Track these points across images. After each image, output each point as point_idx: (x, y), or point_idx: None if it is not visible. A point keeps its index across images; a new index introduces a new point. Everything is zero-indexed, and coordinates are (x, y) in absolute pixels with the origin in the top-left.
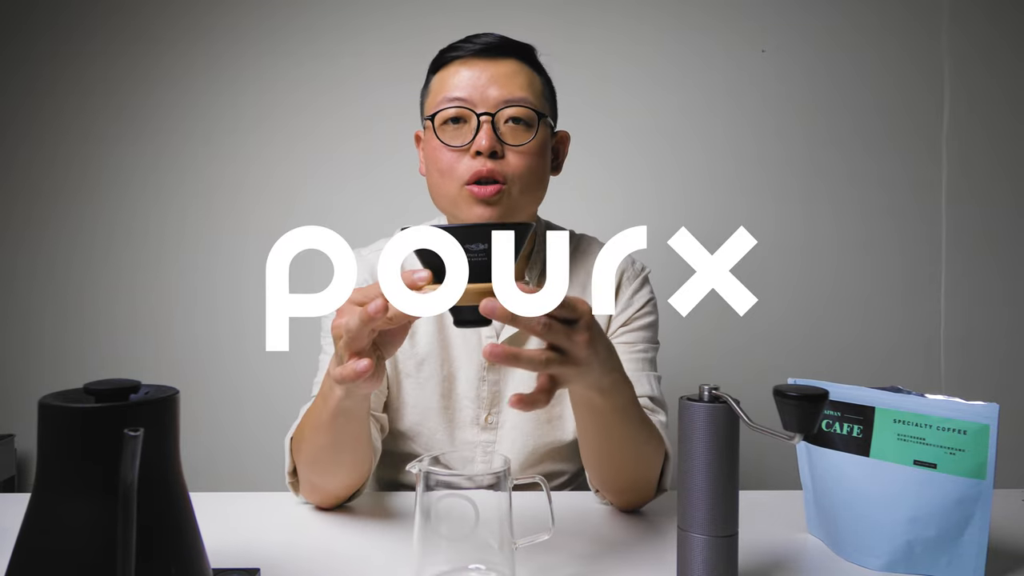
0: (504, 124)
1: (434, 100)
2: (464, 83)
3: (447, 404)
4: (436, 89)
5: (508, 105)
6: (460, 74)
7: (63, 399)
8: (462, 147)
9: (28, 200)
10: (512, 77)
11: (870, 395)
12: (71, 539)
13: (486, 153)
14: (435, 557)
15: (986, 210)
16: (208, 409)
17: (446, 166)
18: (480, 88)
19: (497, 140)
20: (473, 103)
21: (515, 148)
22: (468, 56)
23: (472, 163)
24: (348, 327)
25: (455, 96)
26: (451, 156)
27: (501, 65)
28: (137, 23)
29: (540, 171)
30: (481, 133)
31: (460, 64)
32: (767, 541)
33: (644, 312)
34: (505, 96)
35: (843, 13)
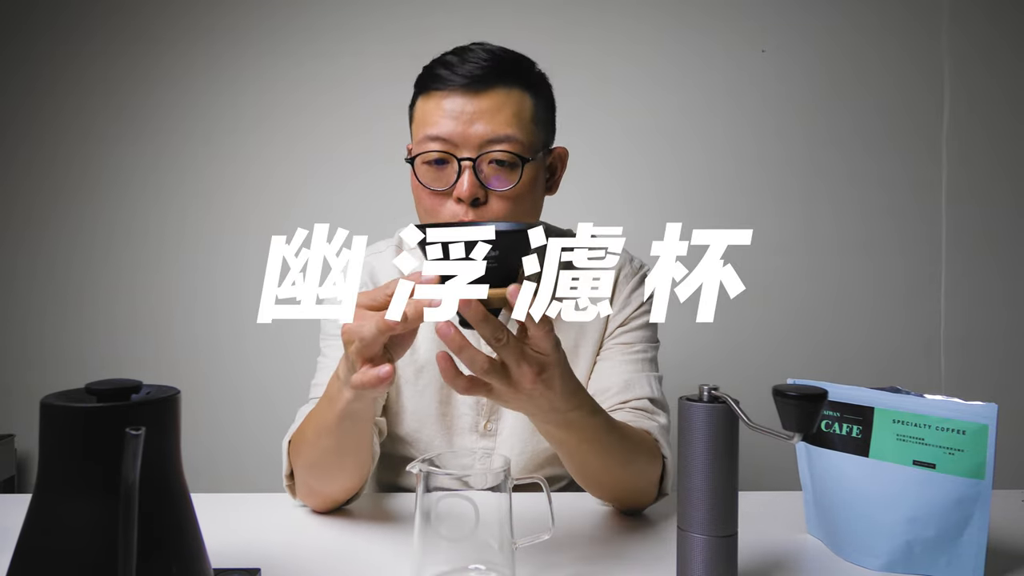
0: (487, 165)
1: (417, 133)
2: (446, 119)
3: (446, 411)
4: (420, 120)
5: (492, 148)
6: (441, 108)
7: (65, 399)
8: (443, 191)
9: (28, 200)
10: (498, 112)
11: (869, 395)
12: (72, 539)
13: (467, 201)
14: (435, 557)
15: (986, 210)
16: (208, 409)
17: (428, 208)
18: (463, 126)
19: (479, 185)
20: (455, 144)
21: (499, 193)
22: (451, 88)
23: (455, 208)
24: (362, 334)
25: (436, 135)
26: (432, 199)
27: (486, 99)
28: (137, 23)
29: (527, 208)
30: (462, 179)
31: (442, 96)
32: (767, 541)
33: (642, 311)
34: (488, 135)
35: (843, 13)
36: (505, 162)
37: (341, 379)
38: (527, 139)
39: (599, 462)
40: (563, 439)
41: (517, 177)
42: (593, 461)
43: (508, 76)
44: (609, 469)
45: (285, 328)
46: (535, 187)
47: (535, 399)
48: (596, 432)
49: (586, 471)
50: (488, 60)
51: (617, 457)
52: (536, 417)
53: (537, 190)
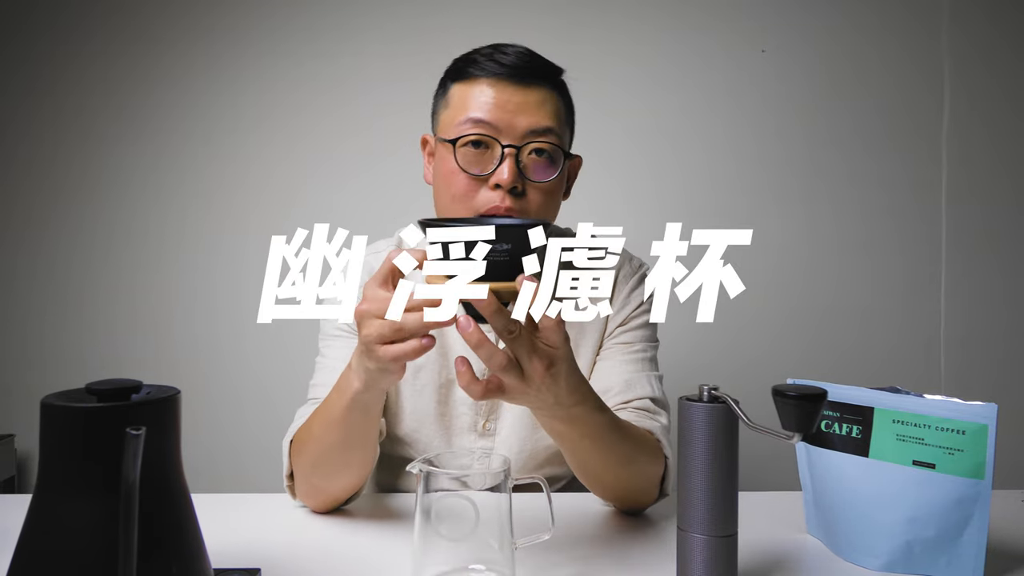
0: (527, 156)
1: (455, 116)
2: (490, 105)
3: (444, 411)
4: (458, 104)
5: (535, 139)
6: (486, 94)
7: (65, 399)
8: (481, 175)
9: (28, 200)
10: (541, 106)
11: (869, 395)
12: (73, 539)
13: (507, 188)
14: (435, 557)
15: (986, 210)
16: (208, 409)
17: (461, 192)
18: (508, 115)
19: (519, 174)
20: (498, 131)
21: (536, 184)
22: (496, 77)
23: (490, 195)
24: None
25: (480, 119)
26: (468, 183)
27: (531, 93)
28: (137, 23)
29: (555, 207)
30: (504, 166)
31: (487, 84)
32: (767, 541)
33: (642, 311)
34: (532, 126)
35: (843, 13)
36: (545, 152)
37: (353, 368)
38: (563, 137)
39: (601, 459)
40: (565, 434)
41: (556, 171)
42: (595, 458)
43: (548, 76)
44: (611, 467)
45: (285, 328)
46: (562, 186)
47: (542, 394)
48: (599, 428)
49: (588, 468)
50: (530, 56)
51: (619, 455)
52: (541, 412)
53: (562, 189)
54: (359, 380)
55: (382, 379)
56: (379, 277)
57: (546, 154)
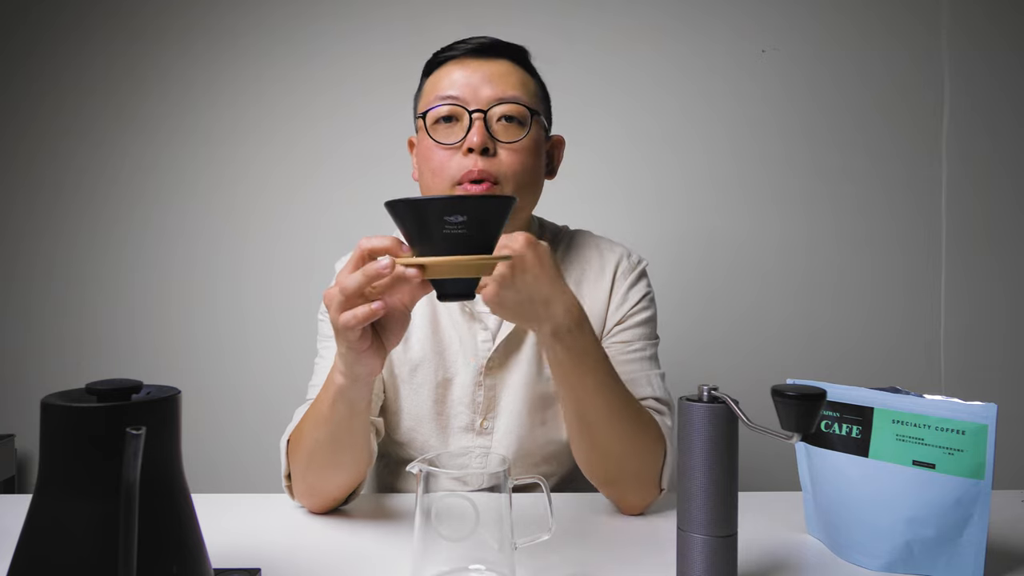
0: (496, 122)
1: (427, 100)
2: (457, 82)
3: (440, 410)
4: (429, 89)
5: (501, 102)
6: (453, 74)
7: (65, 399)
8: (454, 145)
9: (28, 200)
10: (505, 76)
11: (869, 395)
12: (73, 539)
13: (478, 150)
14: (435, 557)
15: (986, 210)
16: (208, 410)
17: (437, 165)
18: (473, 86)
19: (489, 137)
20: (466, 101)
21: (507, 145)
22: (461, 56)
23: (464, 161)
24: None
25: (448, 95)
26: (443, 154)
27: (494, 65)
28: (137, 23)
29: (533, 170)
30: (473, 130)
31: (453, 64)
32: (767, 541)
33: (640, 308)
34: (498, 94)
35: (843, 13)
36: (514, 117)
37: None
38: (532, 104)
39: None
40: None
41: (526, 130)
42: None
43: (512, 54)
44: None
45: (285, 328)
46: (539, 153)
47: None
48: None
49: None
50: (493, 38)
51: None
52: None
53: (540, 160)
54: (340, 373)
55: (356, 364)
56: (350, 265)
57: (515, 120)
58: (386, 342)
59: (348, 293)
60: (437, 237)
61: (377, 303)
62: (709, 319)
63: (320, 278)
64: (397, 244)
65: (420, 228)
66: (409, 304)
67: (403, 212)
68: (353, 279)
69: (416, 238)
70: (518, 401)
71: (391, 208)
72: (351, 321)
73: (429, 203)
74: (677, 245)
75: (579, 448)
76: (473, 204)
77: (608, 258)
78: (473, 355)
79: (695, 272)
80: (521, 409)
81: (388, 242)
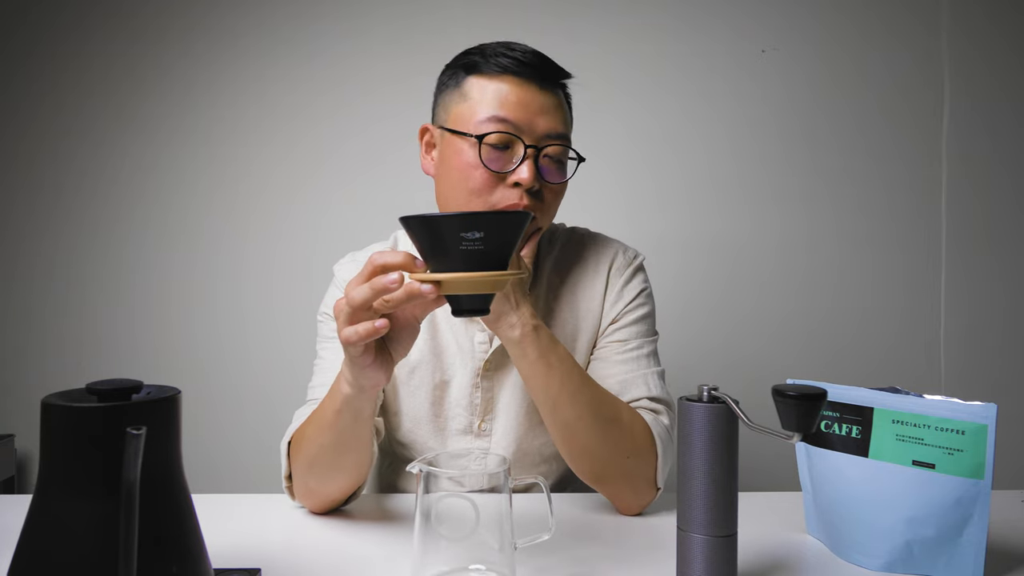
0: (543, 158)
1: (475, 110)
2: (514, 104)
3: (438, 412)
4: (478, 98)
5: (550, 138)
6: (510, 92)
7: (66, 399)
8: (501, 172)
9: (28, 200)
10: (557, 110)
11: (869, 395)
12: (73, 539)
13: (526, 187)
14: (435, 558)
15: (986, 210)
16: (208, 410)
17: (479, 186)
18: (530, 115)
19: (537, 174)
20: (521, 130)
21: (551, 186)
22: (518, 75)
23: (508, 192)
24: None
25: (504, 117)
26: (487, 179)
27: (549, 96)
28: (137, 23)
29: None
30: (524, 166)
31: (509, 81)
32: (766, 541)
33: (635, 305)
34: (550, 130)
35: (843, 13)
36: (560, 157)
37: (342, 371)
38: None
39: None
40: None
41: (566, 174)
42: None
43: (559, 81)
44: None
45: (285, 329)
46: None
47: None
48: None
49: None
50: (547, 58)
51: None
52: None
53: None
54: (346, 382)
55: (361, 376)
56: (359, 277)
57: (560, 158)
58: (394, 353)
59: (355, 306)
60: (454, 253)
61: (380, 321)
62: (708, 319)
63: (320, 278)
64: (411, 260)
65: (436, 244)
66: (420, 317)
67: (419, 228)
68: (360, 292)
69: (431, 253)
70: (515, 403)
71: (406, 223)
72: (352, 337)
73: (447, 220)
74: (677, 245)
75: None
76: (491, 221)
77: (603, 255)
78: (472, 356)
79: (694, 272)
80: (519, 411)
81: (401, 258)
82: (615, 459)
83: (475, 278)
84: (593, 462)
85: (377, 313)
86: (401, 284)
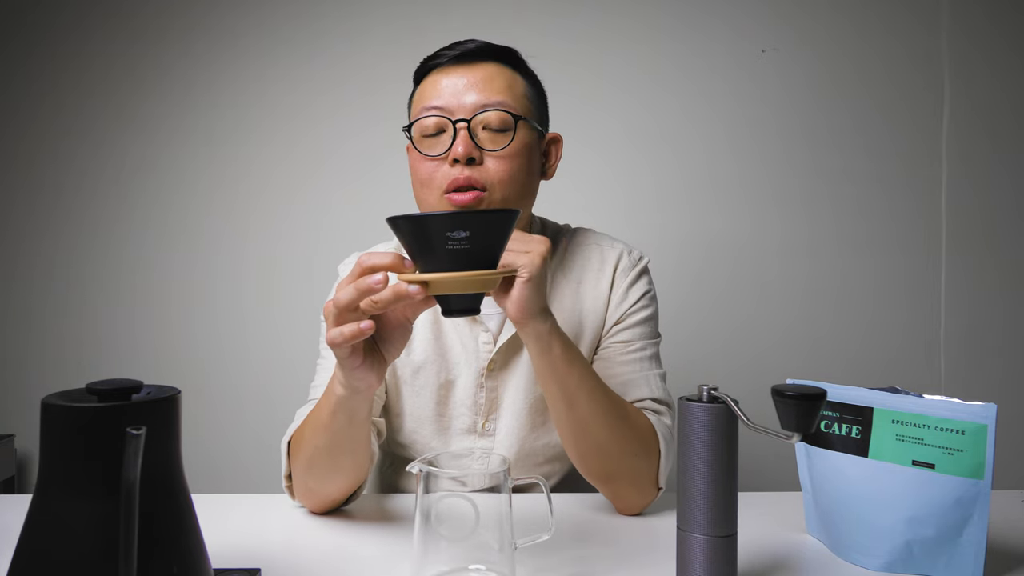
0: (482, 131)
1: (414, 111)
2: (442, 91)
3: (442, 411)
4: (417, 100)
5: (485, 110)
6: (439, 83)
7: (66, 399)
8: (440, 156)
9: (28, 200)
10: (490, 81)
11: (868, 396)
12: (73, 539)
13: (463, 160)
14: (435, 558)
15: (986, 210)
16: (208, 410)
17: (425, 176)
18: (458, 95)
19: (475, 146)
20: (450, 111)
21: (493, 153)
22: (446, 64)
23: (450, 171)
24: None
25: (433, 105)
26: (430, 166)
27: (479, 69)
28: (137, 23)
29: (522, 175)
30: (457, 140)
31: (439, 73)
32: (766, 541)
33: (639, 306)
34: (482, 101)
35: (843, 13)
36: (496, 124)
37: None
38: (519, 108)
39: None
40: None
41: (511, 137)
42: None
43: (499, 56)
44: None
45: (285, 328)
46: (530, 155)
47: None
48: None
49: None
50: (480, 42)
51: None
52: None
53: (532, 161)
54: (339, 384)
55: (351, 378)
56: (348, 277)
57: (499, 125)
58: (386, 354)
59: (340, 307)
60: (440, 253)
61: (365, 323)
62: (708, 319)
63: (320, 278)
64: (399, 260)
65: (422, 244)
66: (412, 317)
67: (405, 228)
68: (345, 293)
69: (419, 253)
70: (519, 402)
71: (393, 224)
72: (338, 339)
73: (431, 219)
74: (676, 245)
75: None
76: (475, 219)
77: (608, 256)
78: (476, 355)
79: (694, 271)
80: (522, 410)
81: (389, 259)
82: (623, 458)
83: (462, 278)
84: (602, 460)
85: (364, 315)
86: (386, 284)
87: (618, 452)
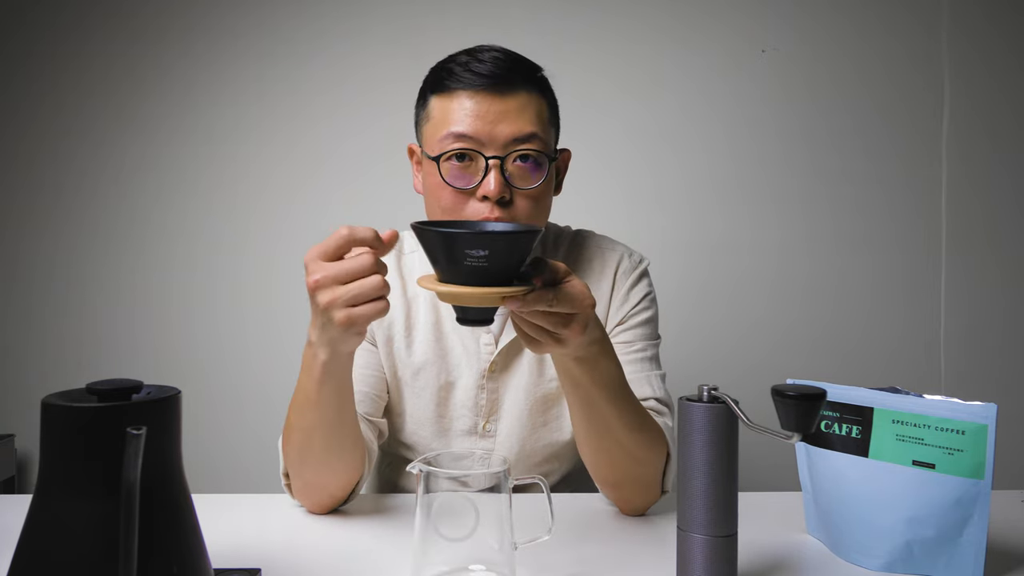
0: (512, 163)
1: (437, 131)
2: (471, 118)
3: (443, 413)
4: (439, 118)
5: (518, 147)
6: (465, 107)
7: (66, 399)
8: (467, 188)
9: (28, 200)
10: (522, 112)
11: (869, 396)
12: (73, 539)
13: (493, 199)
14: (435, 557)
15: (986, 210)
16: (208, 410)
17: (449, 205)
18: (489, 125)
19: (506, 184)
20: (481, 143)
21: (524, 191)
22: (474, 88)
23: (479, 206)
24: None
25: (461, 133)
26: (455, 197)
27: (510, 100)
28: (137, 23)
29: (545, 207)
30: (489, 177)
31: (466, 95)
32: (767, 541)
33: (640, 308)
34: (514, 133)
35: (843, 14)
36: (530, 159)
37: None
38: (547, 139)
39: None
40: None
41: (542, 176)
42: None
43: (528, 78)
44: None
45: (285, 328)
46: (550, 186)
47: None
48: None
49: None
50: (507, 61)
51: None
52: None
53: (551, 190)
54: (323, 351)
55: (344, 343)
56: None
57: (531, 160)
58: None
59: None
60: (458, 267)
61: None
62: (707, 319)
63: None
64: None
65: (442, 255)
66: None
67: (426, 238)
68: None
69: (438, 263)
70: (520, 403)
71: (416, 231)
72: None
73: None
74: (677, 245)
75: (587, 452)
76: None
77: (609, 258)
78: (476, 357)
79: (693, 271)
80: (523, 411)
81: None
82: (636, 463)
83: (485, 294)
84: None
85: None
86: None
87: (633, 460)
